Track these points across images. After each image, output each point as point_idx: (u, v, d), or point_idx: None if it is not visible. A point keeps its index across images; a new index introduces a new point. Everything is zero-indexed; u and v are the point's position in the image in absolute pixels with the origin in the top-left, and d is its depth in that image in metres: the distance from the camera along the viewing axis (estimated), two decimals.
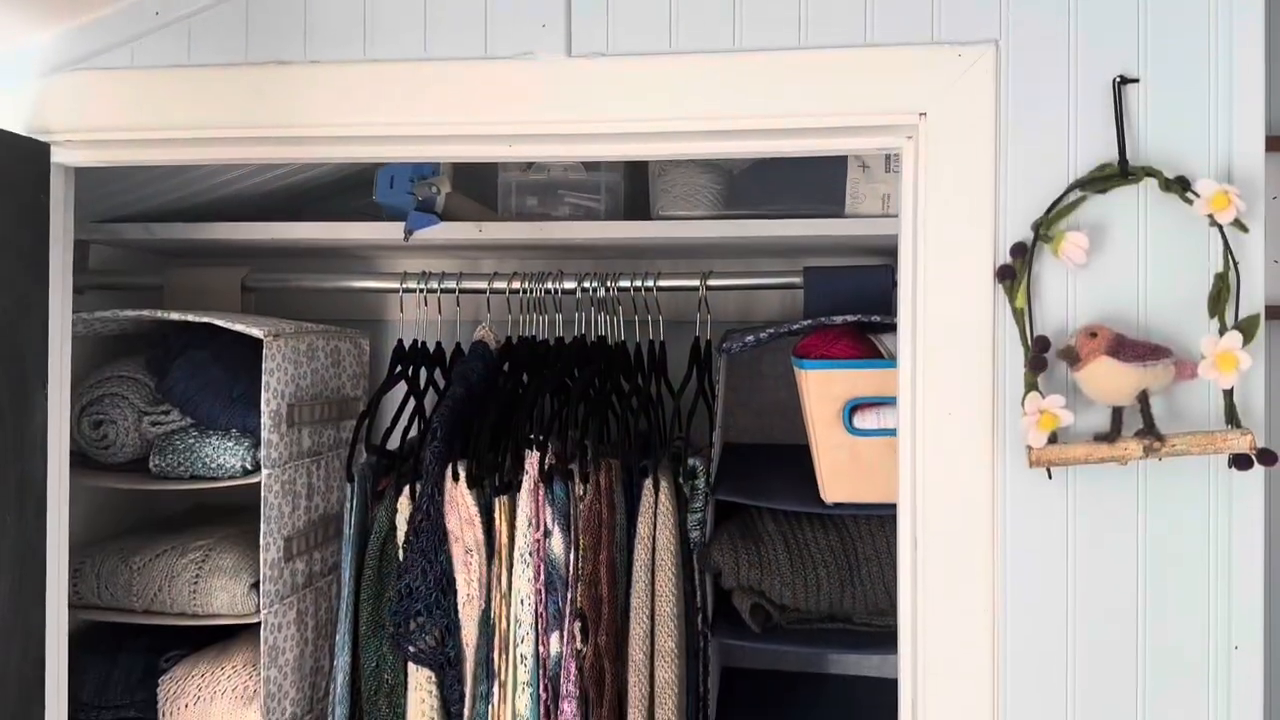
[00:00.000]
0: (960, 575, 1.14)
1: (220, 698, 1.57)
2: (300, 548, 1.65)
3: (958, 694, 1.15)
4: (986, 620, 1.14)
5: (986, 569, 1.14)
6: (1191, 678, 1.11)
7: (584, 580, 1.48)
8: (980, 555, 1.14)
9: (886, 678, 1.88)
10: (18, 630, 1.19)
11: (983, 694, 1.14)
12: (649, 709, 1.46)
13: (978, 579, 1.14)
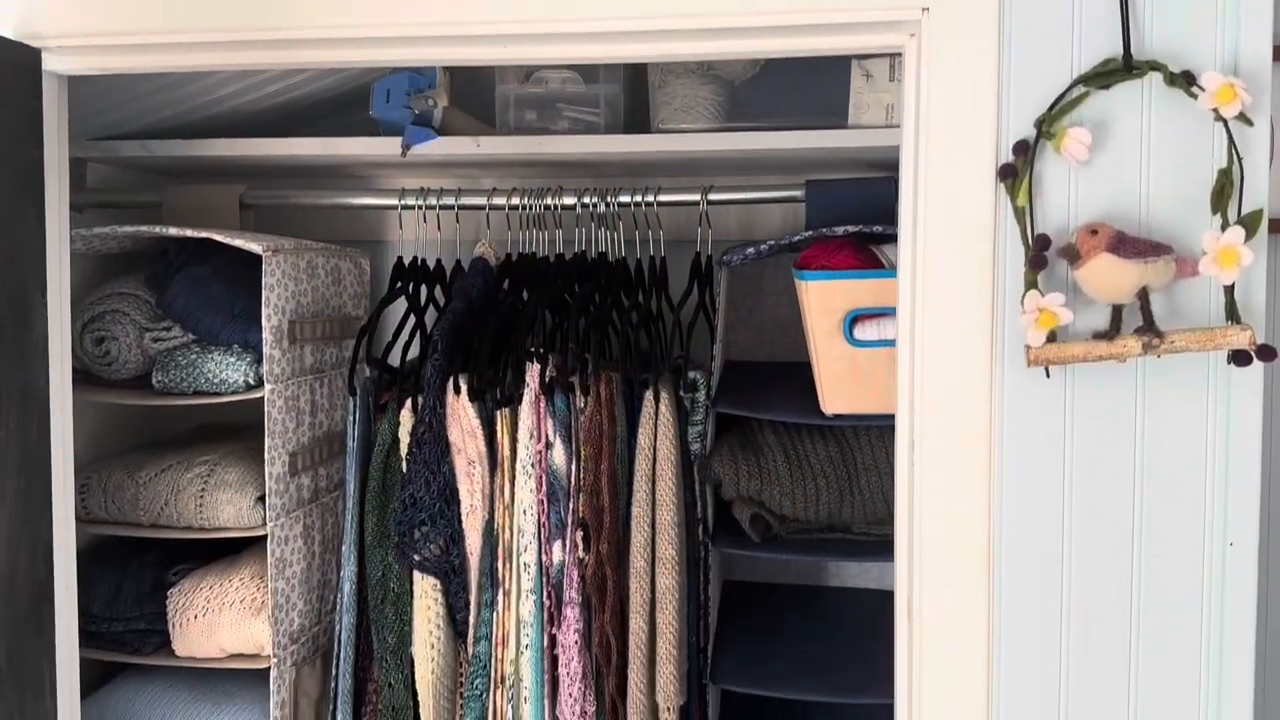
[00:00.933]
0: (957, 476, 1.15)
1: (228, 609, 1.59)
2: (305, 463, 1.66)
3: (953, 595, 1.17)
4: (982, 521, 1.15)
5: (983, 470, 1.14)
6: (1186, 574, 1.12)
7: (585, 490, 1.50)
8: (977, 456, 1.15)
9: (885, 589, 1.90)
10: (25, 535, 1.21)
11: (977, 594, 1.16)
12: (650, 614, 1.48)
13: (974, 480, 1.15)
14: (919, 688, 1.19)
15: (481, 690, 1.55)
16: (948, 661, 1.17)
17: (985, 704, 1.17)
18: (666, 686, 1.48)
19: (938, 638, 1.17)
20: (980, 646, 1.16)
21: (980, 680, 1.17)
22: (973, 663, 1.17)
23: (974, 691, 1.17)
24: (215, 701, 1.65)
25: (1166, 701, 1.13)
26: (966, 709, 1.17)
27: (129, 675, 1.71)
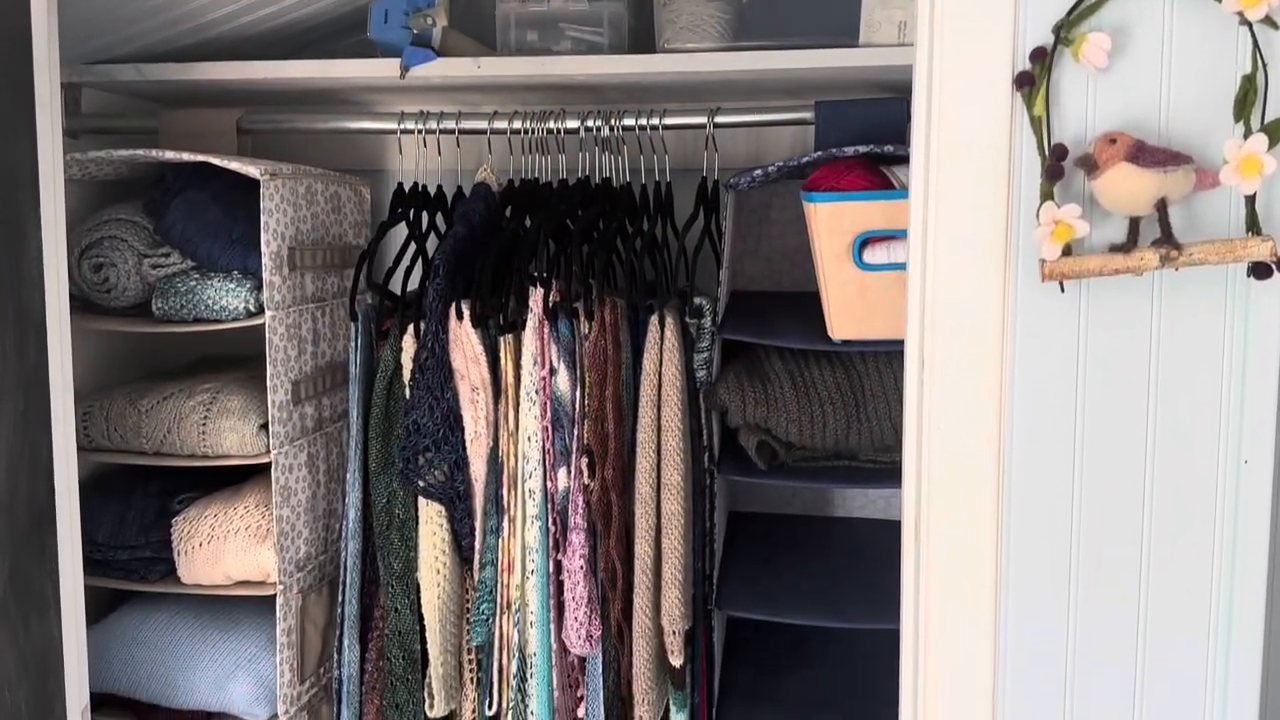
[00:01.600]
0: (967, 395, 1.13)
1: (233, 536, 1.59)
2: (308, 392, 1.65)
3: (961, 516, 1.15)
4: (992, 440, 1.13)
5: (994, 389, 1.12)
6: (1200, 492, 1.10)
7: (590, 417, 1.48)
8: (988, 375, 1.12)
9: (891, 519, 1.90)
10: (26, 456, 1.20)
11: (986, 514, 1.15)
12: (656, 540, 1.48)
13: (985, 398, 1.13)
14: (925, 610, 1.18)
15: (488, 615, 1.55)
16: (955, 582, 1.16)
17: (992, 625, 1.16)
18: (672, 610, 1.48)
19: (945, 558, 1.16)
20: (988, 567, 1.15)
21: (988, 601, 1.16)
22: (980, 584, 1.16)
23: (981, 612, 1.16)
24: (222, 628, 1.66)
25: (1178, 618, 1.12)
26: (973, 630, 1.17)
27: (136, 603, 1.71)
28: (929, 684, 1.19)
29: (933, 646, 1.19)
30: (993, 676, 1.16)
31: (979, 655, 1.17)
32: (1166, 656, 1.13)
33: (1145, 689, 1.13)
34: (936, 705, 1.19)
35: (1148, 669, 1.13)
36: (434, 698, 1.55)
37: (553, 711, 1.53)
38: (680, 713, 1.51)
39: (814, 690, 1.70)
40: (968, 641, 1.17)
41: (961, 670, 1.18)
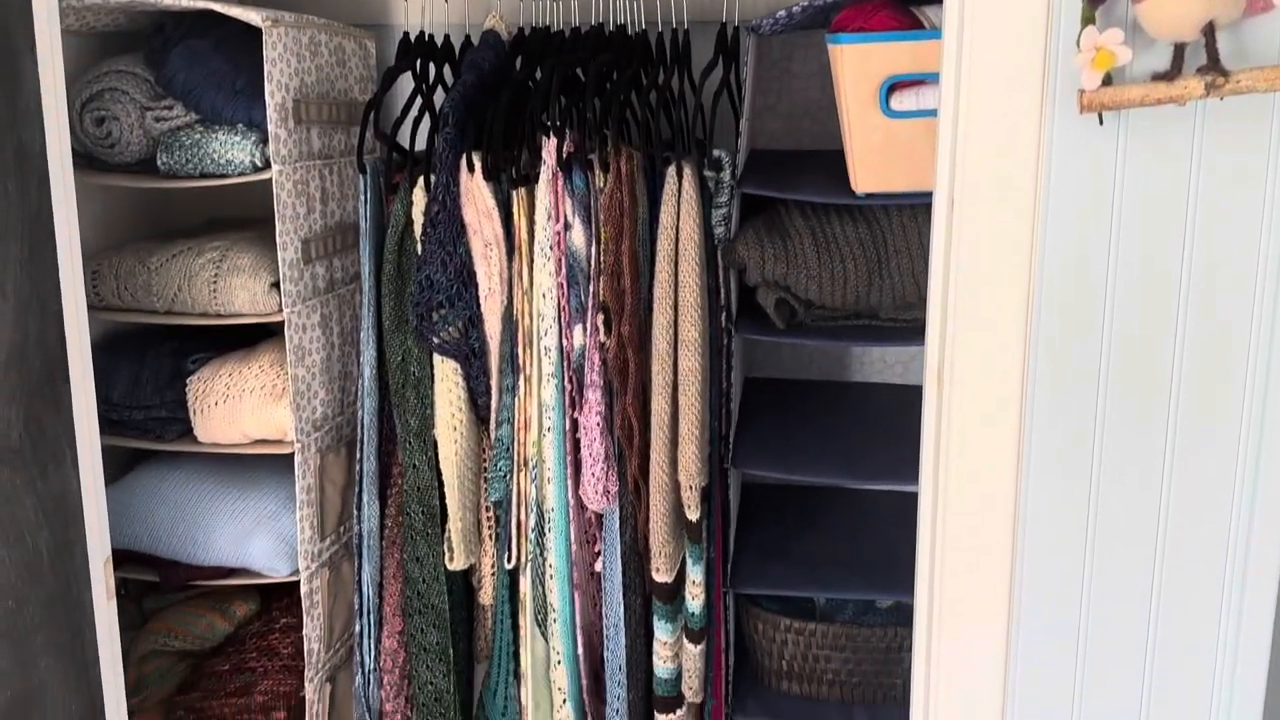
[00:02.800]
0: (997, 236, 1.09)
1: (249, 395, 1.59)
2: (319, 252, 1.62)
3: (987, 359, 1.13)
4: (1021, 279, 1.10)
5: (1026, 229, 1.09)
6: (1234, 330, 1.07)
7: (606, 272, 1.46)
8: (1021, 215, 1.09)
9: (909, 384, 1.89)
10: (34, 303, 1.18)
11: (1012, 357, 1.12)
12: (672, 396, 1.47)
13: (1016, 239, 1.09)
14: (946, 459, 1.17)
15: (505, 472, 1.55)
16: (977, 428, 1.15)
17: (1014, 471, 1.15)
18: (689, 465, 1.47)
19: (968, 404, 1.14)
20: (1012, 411, 1.13)
21: (1010, 446, 1.14)
22: (1004, 429, 1.14)
23: (1004, 459, 1.15)
24: (241, 487, 1.67)
25: (1205, 459, 1.10)
26: (995, 477, 1.15)
27: (154, 462, 1.72)
28: (947, 544, 1.19)
29: (952, 505, 1.18)
30: (1012, 534, 1.16)
31: (999, 514, 1.16)
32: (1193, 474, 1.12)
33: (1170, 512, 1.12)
34: (955, 566, 1.19)
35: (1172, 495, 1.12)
36: (453, 551, 1.56)
37: (570, 565, 1.55)
38: (696, 566, 1.52)
39: (829, 550, 1.71)
40: (989, 498, 1.16)
41: (981, 528, 1.17)
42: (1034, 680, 1.17)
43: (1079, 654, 1.17)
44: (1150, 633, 1.16)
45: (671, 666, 1.57)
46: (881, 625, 1.63)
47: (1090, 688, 1.17)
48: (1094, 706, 1.17)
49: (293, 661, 1.67)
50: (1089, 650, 1.16)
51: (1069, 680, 1.17)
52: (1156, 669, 1.16)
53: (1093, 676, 1.17)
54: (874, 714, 1.65)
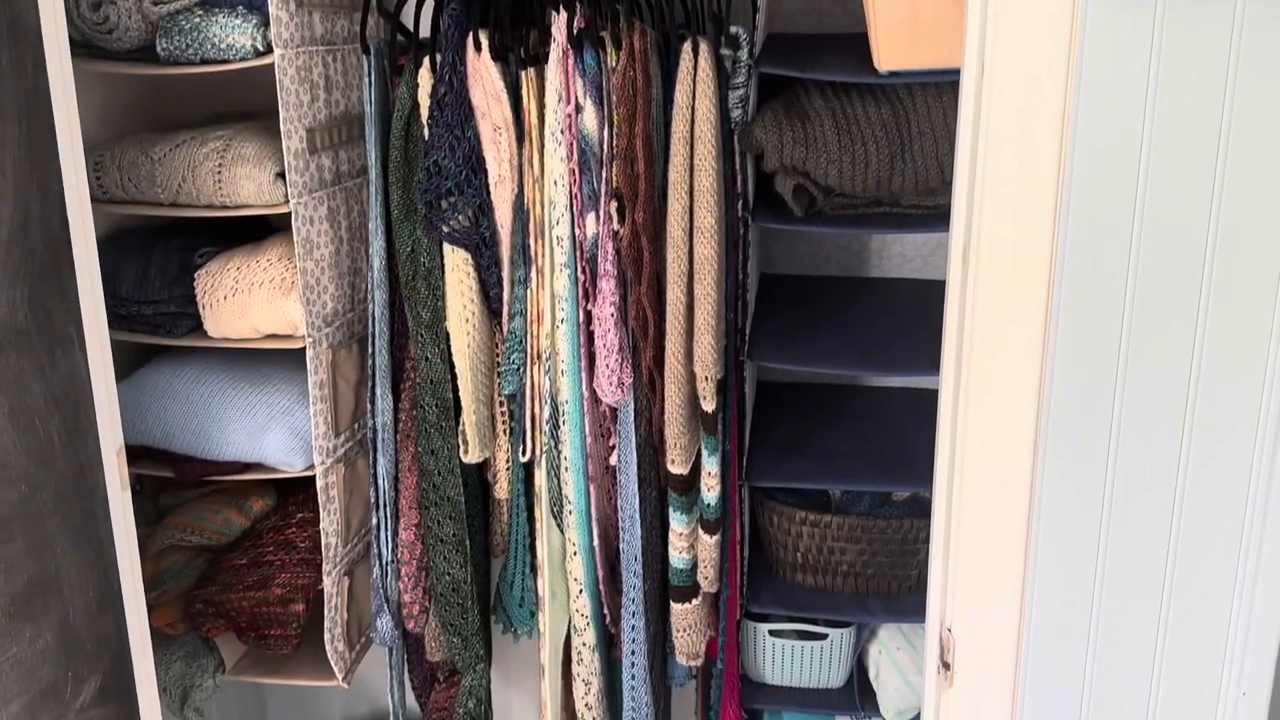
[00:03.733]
0: (1029, 104, 1.05)
1: (258, 288, 1.56)
2: (324, 142, 1.58)
3: (1014, 237, 1.09)
4: (1052, 152, 1.06)
5: (1058, 96, 1.04)
6: (1264, 245, 1.03)
7: (619, 157, 1.41)
8: (1053, 82, 1.04)
9: (929, 279, 1.85)
10: (33, 182, 1.15)
11: (1041, 234, 1.08)
12: (688, 285, 1.44)
13: (1048, 107, 1.04)
14: (970, 342, 1.14)
15: (518, 364, 1.53)
16: (1002, 309, 1.11)
17: (1040, 355, 1.12)
18: (704, 356, 1.45)
19: (992, 286, 1.11)
20: (1039, 292, 1.10)
21: (1036, 329, 1.11)
22: (1030, 310, 1.11)
23: (1029, 341, 1.12)
24: (253, 382, 1.66)
25: (1240, 330, 1.07)
26: (1019, 361, 1.12)
27: (165, 358, 1.71)
28: (968, 431, 1.17)
29: (974, 391, 1.15)
30: (1036, 421, 1.13)
31: (1023, 400, 1.13)
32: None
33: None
34: (976, 455, 1.17)
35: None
36: (468, 444, 1.55)
37: (585, 458, 1.54)
38: (712, 457, 1.51)
39: (845, 445, 1.69)
40: (1013, 383, 1.13)
41: (1004, 414, 1.14)
42: (1054, 568, 1.16)
43: (1101, 542, 1.15)
44: (1176, 523, 1.14)
45: (687, 557, 1.57)
46: (897, 517, 1.62)
47: (1112, 579, 1.16)
48: (1116, 598, 1.16)
49: (310, 555, 1.68)
50: (1112, 539, 1.15)
51: (1090, 570, 1.16)
52: (1180, 560, 1.15)
53: (1115, 568, 1.15)
54: (888, 604, 1.65)
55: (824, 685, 1.73)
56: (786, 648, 1.71)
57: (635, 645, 1.58)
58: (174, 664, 1.73)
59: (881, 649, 1.69)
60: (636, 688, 1.58)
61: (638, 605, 1.56)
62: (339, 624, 1.68)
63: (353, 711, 2.28)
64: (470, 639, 1.65)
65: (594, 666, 1.63)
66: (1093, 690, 1.17)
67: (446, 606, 1.63)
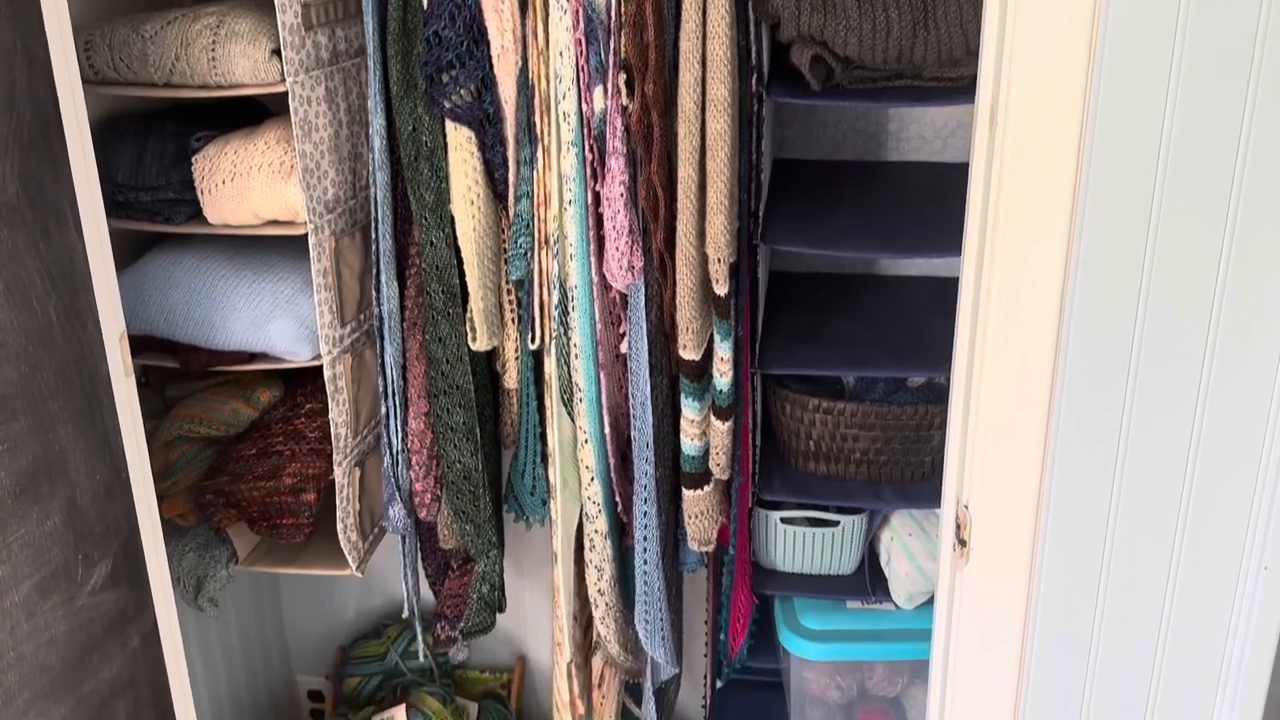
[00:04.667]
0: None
1: (257, 172, 1.52)
2: (320, 18, 1.52)
3: (1047, 95, 1.04)
4: (1085, 26, 1.00)
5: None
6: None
7: (628, 25, 1.35)
8: None
9: (949, 162, 1.79)
10: (18, 51, 1.11)
11: (1070, 115, 1.03)
12: (700, 162, 1.39)
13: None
14: (995, 211, 1.10)
15: (525, 249, 1.49)
16: (1031, 175, 1.07)
17: (1069, 221, 1.08)
18: (717, 237, 1.41)
19: (1022, 149, 1.06)
20: (1069, 158, 1.05)
21: (1065, 196, 1.07)
22: (1060, 178, 1.06)
23: (1059, 208, 1.07)
24: (256, 270, 1.62)
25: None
26: (1047, 225, 1.08)
27: (165, 246, 1.68)
28: (990, 311, 1.13)
29: (998, 265, 1.11)
30: (1061, 296, 1.10)
31: (1050, 275, 1.09)
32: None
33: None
34: (997, 337, 1.13)
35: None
36: (476, 331, 1.52)
37: (595, 345, 1.51)
38: (724, 343, 1.48)
39: (859, 333, 1.66)
40: (1038, 255, 1.09)
41: (1029, 288, 1.11)
42: (1075, 444, 1.13)
43: (1124, 417, 1.12)
44: (1201, 401, 1.11)
45: (699, 444, 1.55)
46: (912, 403, 1.59)
47: (1135, 456, 1.13)
48: (1137, 474, 1.14)
49: (320, 445, 1.67)
50: (1135, 416, 1.12)
51: (1112, 445, 1.14)
52: (1204, 439, 1.12)
53: (1138, 444, 1.13)
54: (901, 491, 1.64)
55: (835, 572, 1.73)
56: (798, 535, 1.70)
57: (647, 531, 1.57)
58: (186, 555, 1.74)
59: (893, 535, 1.68)
60: (649, 573, 1.58)
61: (649, 492, 1.55)
62: (351, 514, 1.68)
63: (367, 603, 2.31)
64: (483, 526, 1.65)
65: (606, 553, 1.63)
66: (1111, 562, 1.16)
67: (458, 494, 1.62)
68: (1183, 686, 1.22)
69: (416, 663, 2.20)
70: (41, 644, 1.17)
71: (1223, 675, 1.20)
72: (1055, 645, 1.20)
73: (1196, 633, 1.18)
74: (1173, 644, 1.19)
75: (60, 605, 1.20)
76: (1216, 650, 1.18)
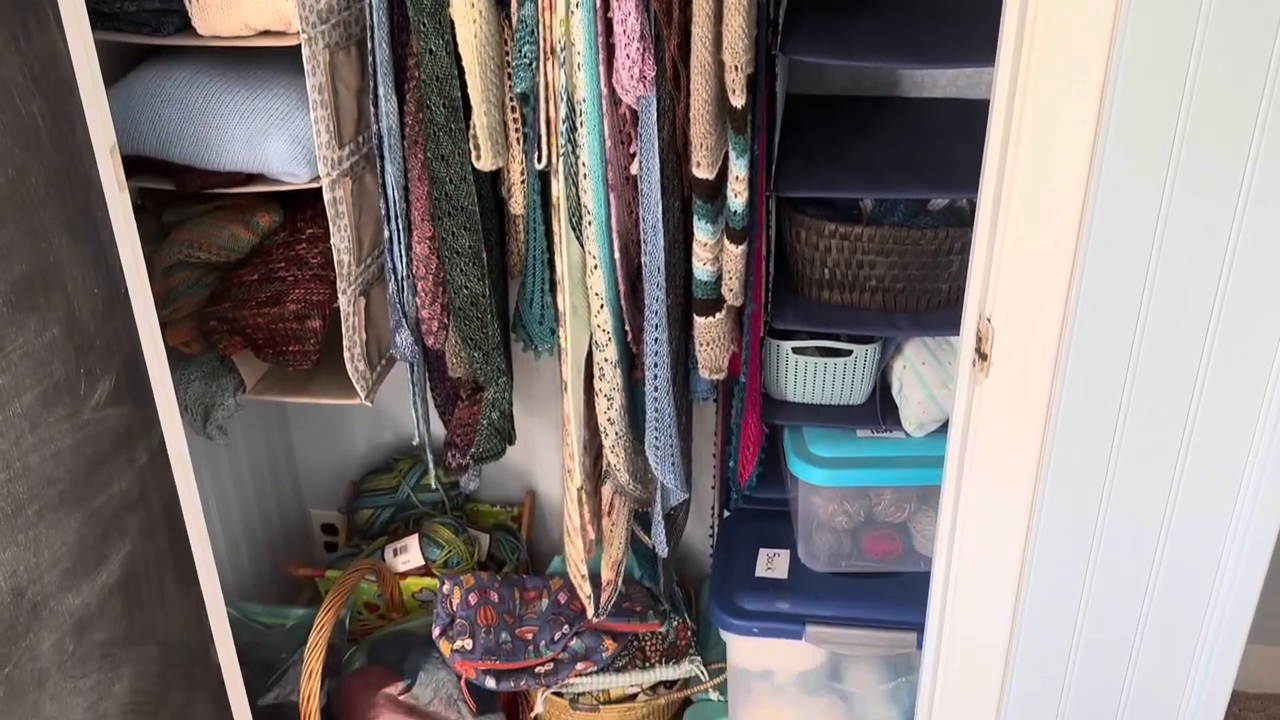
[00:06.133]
0: None
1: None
2: None
3: None
4: None
5: None
6: None
7: None
8: None
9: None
10: None
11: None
12: None
13: None
14: (1033, 24, 1.02)
15: (530, 58, 1.42)
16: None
17: (1108, 42, 1.00)
18: (734, 43, 1.33)
19: None
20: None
21: (1107, 13, 0.99)
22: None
23: (1099, 29, 1.00)
24: (250, 87, 1.55)
25: None
26: (1087, 47, 1.01)
27: (154, 60, 1.60)
28: (1023, 125, 1.07)
29: (1030, 90, 1.04)
30: (1095, 120, 1.03)
31: (1086, 95, 1.03)
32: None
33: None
34: (1032, 131, 1.07)
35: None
36: (480, 149, 1.46)
37: (605, 164, 1.45)
38: (740, 160, 1.42)
39: (881, 154, 1.60)
40: (1075, 77, 1.03)
41: (1065, 111, 1.04)
42: (1105, 253, 1.09)
43: (1158, 226, 1.08)
44: (1233, 234, 1.06)
45: (711, 269, 1.51)
46: (932, 227, 1.55)
47: (1167, 267, 1.09)
48: (1168, 283, 1.10)
49: (322, 271, 1.63)
50: (1170, 228, 1.07)
51: (1144, 255, 1.09)
52: (1231, 284, 1.08)
53: (1164, 277, 1.09)
54: (916, 320, 1.61)
55: (846, 402, 1.72)
56: (809, 365, 1.68)
57: (658, 359, 1.55)
58: (193, 383, 1.73)
59: (906, 364, 1.66)
60: (659, 399, 1.56)
61: (660, 318, 1.52)
62: (358, 344, 1.66)
63: (378, 437, 2.32)
64: (491, 353, 1.63)
65: (616, 382, 1.61)
66: (1135, 371, 1.14)
67: (465, 321, 1.60)
68: (1200, 509, 1.21)
69: (428, 495, 2.22)
70: (48, 456, 1.16)
71: (1241, 491, 1.19)
72: (1072, 458, 1.19)
73: (1219, 448, 1.17)
74: (1194, 455, 1.17)
75: (65, 419, 1.18)
76: (1238, 464, 1.16)
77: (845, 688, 1.76)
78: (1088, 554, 1.26)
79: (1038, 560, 1.26)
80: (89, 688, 1.24)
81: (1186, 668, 1.32)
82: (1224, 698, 1.33)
